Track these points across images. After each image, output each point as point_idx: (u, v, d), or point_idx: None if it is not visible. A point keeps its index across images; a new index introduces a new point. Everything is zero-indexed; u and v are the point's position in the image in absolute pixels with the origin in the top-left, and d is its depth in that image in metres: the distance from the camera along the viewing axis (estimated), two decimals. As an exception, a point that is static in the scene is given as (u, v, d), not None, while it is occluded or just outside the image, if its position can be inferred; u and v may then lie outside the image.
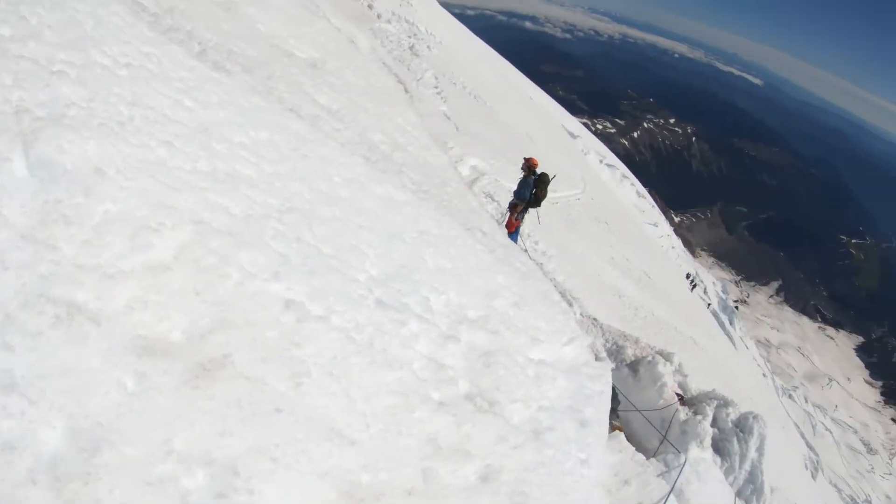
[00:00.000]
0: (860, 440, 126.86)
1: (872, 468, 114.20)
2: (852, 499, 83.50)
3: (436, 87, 23.75)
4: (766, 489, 10.07)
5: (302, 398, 3.19)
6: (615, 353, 11.11)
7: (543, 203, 12.99)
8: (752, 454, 10.22)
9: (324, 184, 4.82)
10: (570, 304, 11.76)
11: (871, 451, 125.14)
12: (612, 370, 10.45)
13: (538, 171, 12.52)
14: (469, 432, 3.92)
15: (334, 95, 8.38)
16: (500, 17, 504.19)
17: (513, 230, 12.83)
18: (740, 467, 10.02)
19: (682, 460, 7.38)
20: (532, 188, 12.37)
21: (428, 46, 28.69)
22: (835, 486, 76.65)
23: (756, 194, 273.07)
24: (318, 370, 3.35)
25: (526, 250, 13.06)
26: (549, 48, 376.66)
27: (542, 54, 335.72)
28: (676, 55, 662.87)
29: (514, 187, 12.78)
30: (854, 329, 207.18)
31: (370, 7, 28.88)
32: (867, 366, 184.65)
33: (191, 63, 5.16)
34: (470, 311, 4.92)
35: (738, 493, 9.80)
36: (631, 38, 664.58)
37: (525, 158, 12.58)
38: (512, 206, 12.65)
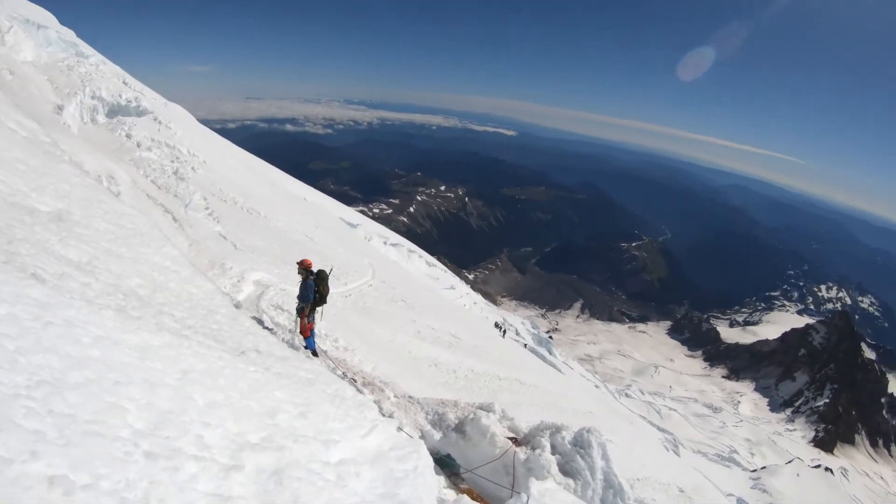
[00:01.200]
0: (703, 405, 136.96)
1: (724, 424, 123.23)
2: (718, 455, 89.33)
3: (207, 209, 23.08)
4: (626, 486, 10.38)
5: (83, 572, 2.99)
6: (438, 421, 11.17)
7: (330, 298, 13.02)
8: (600, 463, 10.53)
9: (72, 348, 4.57)
10: (382, 390, 11.79)
11: (715, 410, 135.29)
12: (441, 438, 10.64)
13: (314, 269, 12.57)
14: (274, 554, 3.81)
15: (83, 247, 8.01)
16: (262, 125, 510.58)
17: (308, 335, 12.72)
18: (594, 479, 10.28)
19: (524, 500, 7.43)
20: (314, 288, 12.39)
21: (193, 168, 27.79)
22: (699, 452, 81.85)
23: (535, 232, 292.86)
24: (94, 538, 3.14)
25: (326, 351, 12.98)
26: (313, 146, 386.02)
27: (308, 153, 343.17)
28: (434, 127, 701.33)
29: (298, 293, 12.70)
30: (660, 317, 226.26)
31: (128, 137, 27.71)
32: (683, 342, 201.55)
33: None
34: (251, 435, 4.84)
35: (602, 500, 10.04)
36: (389, 120, 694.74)
37: (298, 262, 12.55)
38: (300, 311, 12.54)
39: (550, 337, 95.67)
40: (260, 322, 12.25)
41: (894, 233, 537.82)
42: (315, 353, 12.72)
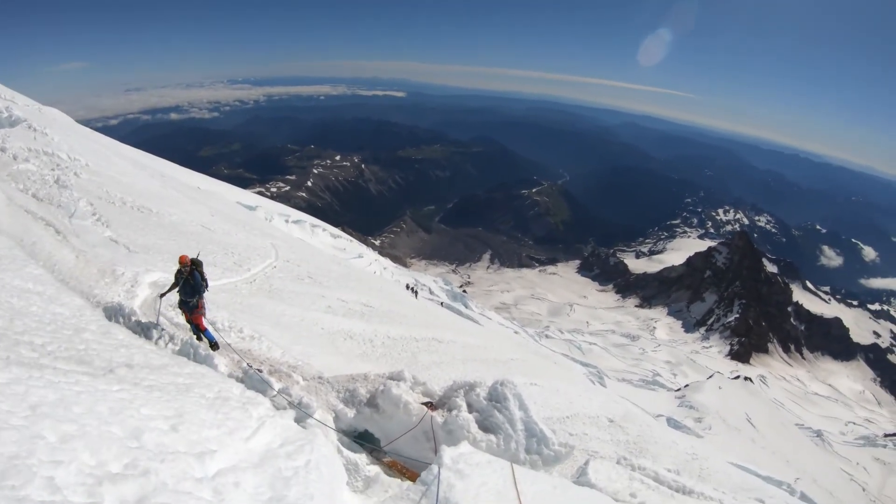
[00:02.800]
0: (621, 335, 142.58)
1: (643, 350, 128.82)
2: (642, 380, 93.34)
3: (94, 214, 21.70)
4: (548, 433, 10.42)
5: None
6: (350, 399, 10.97)
7: (234, 286, 12.46)
8: (518, 414, 10.54)
9: None
10: (290, 375, 11.49)
11: (633, 338, 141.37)
12: (355, 415, 10.45)
13: (192, 260, 11.98)
14: None
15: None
16: (145, 117, 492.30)
17: (204, 327, 12.24)
18: (515, 430, 10.27)
19: (435, 471, 7.24)
20: (202, 278, 11.90)
21: (75, 173, 26.00)
22: (624, 380, 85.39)
23: (436, 190, 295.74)
24: None
25: (229, 344, 12.51)
26: (201, 132, 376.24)
27: (197, 140, 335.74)
28: (322, 97, 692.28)
29: (190, 289, 12.00)
30: (568, 257, 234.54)
31: (2, 150, 25.69)
32: (593, 279, 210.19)
33: None
34: (111, 464, 4.45)
35: (527, 450, 10.04)
36: (275, 95, 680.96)
37: (182, 266, 11.86)
38: (195, 308, 11.99)
39: (464, 291, 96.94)
40: (155, 327, 11.68)
41: (783, 154, 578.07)
42: (215, 346, 12.25)
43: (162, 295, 12.56)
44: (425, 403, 10.76)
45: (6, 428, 4.27)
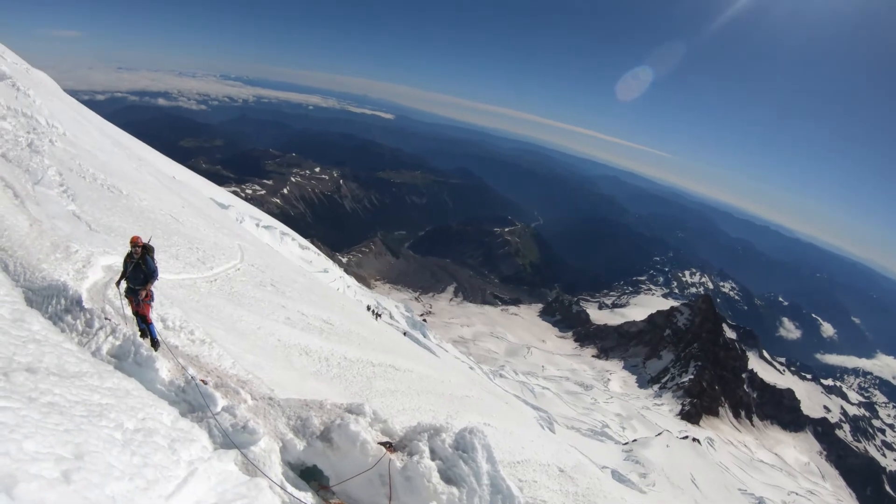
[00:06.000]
0: (575, 383, 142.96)
1: (595, 400, 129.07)
2: (591, 430, 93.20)
3: (61, 185, 20.53)
4: (515, 490, 9.34)
5: None
6: (301, 428, 9.73)
7: (193, 284, 11.34)
8: (485, 467, 9.41)
9: None
10: (238, 392, 10.27)
11: (587, 387, 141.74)
12: (305, 447, 9.26)
13: (142, 244, 10.78)
14: None
15: None
16: (132, 98, 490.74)
17: (151, 320, 11.00)
18: (480, 485, 9.18)
19: None
20: (154, 262, 10.74)
21: (50, 140, 24.92)
22: (573, 427, 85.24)
23: (410, 216, 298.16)
24: None
25: (177, 347, 11.34)
26: (185, 122, 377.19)
27: (180, 129, 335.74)
28: (311, 107, 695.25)
29: (141, 276, 10.71)
30: (532, 300, 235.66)
31: None
32: (554, 324, 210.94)
33: None
34: None
35: (490, 509, 9.02)
36: (265, 98, 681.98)
37: (134, 247, 10.64)
38: (139, 293, 10.73)
39: (424, 320, 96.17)
40: (98, 316, 10.40)
41: (754, 224, 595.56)
42: (157, 345, 11.01)
43: (118, 282, 11.14)
44: (384, 443, 9.60)
45: None
